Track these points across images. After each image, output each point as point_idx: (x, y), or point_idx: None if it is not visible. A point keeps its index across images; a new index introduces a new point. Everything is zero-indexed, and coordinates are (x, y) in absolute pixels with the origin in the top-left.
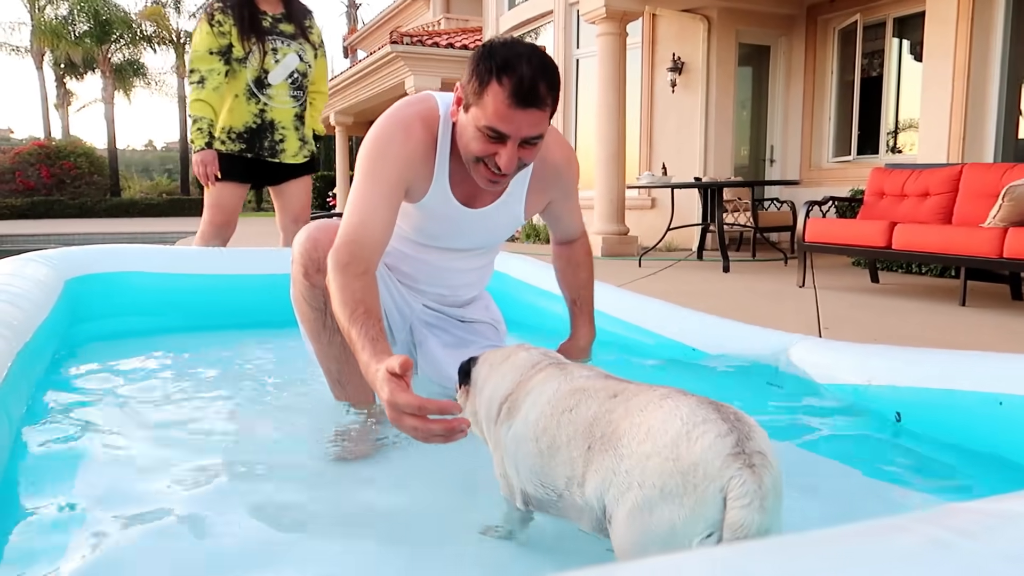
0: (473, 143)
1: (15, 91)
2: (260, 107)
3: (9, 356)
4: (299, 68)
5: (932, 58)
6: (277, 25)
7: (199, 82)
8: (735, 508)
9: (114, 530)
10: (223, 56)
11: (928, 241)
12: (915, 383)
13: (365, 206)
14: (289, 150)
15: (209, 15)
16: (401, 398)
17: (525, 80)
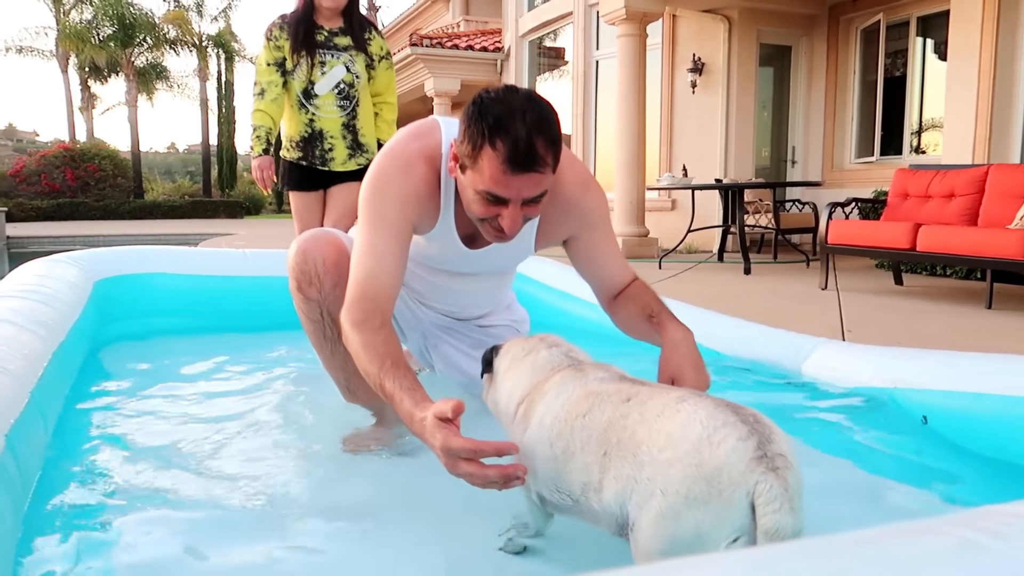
0: (474, 205)
1: (40, 95)
2: (309, 117)
3: (45, 356)
4: (345, 79)
5: (957, 57)
6: (332, 39)
7: (260, 93)
8: (767, 514)
9: (142, 523)
10: (280, 68)
11: (954, 243)
12: (942, 386)
13: (371, 256)
14: (338, 158)
15: (269, 31)
16: (455, 442)
17: (521, 142)
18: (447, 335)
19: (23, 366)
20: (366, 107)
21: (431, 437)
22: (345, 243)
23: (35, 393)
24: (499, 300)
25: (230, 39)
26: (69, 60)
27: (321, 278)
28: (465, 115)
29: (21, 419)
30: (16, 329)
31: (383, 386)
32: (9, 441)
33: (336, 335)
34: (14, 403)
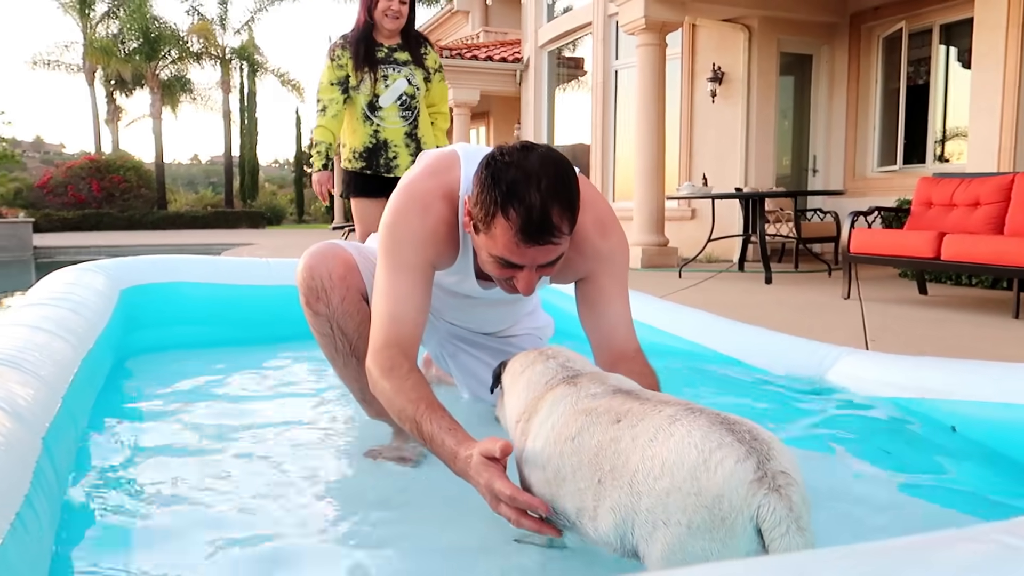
0: (488, 265)
1: (67, 107)
2: (374, 128)
3: (75, 363)
4: (407, 91)
5: (981, 65)
6: (392, 55)
7: (322, 110)
8: (775, 539)
9: (169, 525)
10: (342, 86)
11: (979, 252)
12: (971, 396)
13: (393, 300)
14: (402, 165)
15: (332, 51)
16: (497, 485)
17: (535, 211)
18: (466, 344)
19: (55, 372)
20: (424, 117)
21: (476, 475)
22: (353, 255)
23: (66, 399)
24: (518, 316)
25: (253, 51)
26: (95, 73)
27: (328, 292)
28: (478, 177)
29: (55, 423)
30: (48, 336)
31: (420, 429)
32: (45, 444)
33: (347, 348)
34: (48, 408)
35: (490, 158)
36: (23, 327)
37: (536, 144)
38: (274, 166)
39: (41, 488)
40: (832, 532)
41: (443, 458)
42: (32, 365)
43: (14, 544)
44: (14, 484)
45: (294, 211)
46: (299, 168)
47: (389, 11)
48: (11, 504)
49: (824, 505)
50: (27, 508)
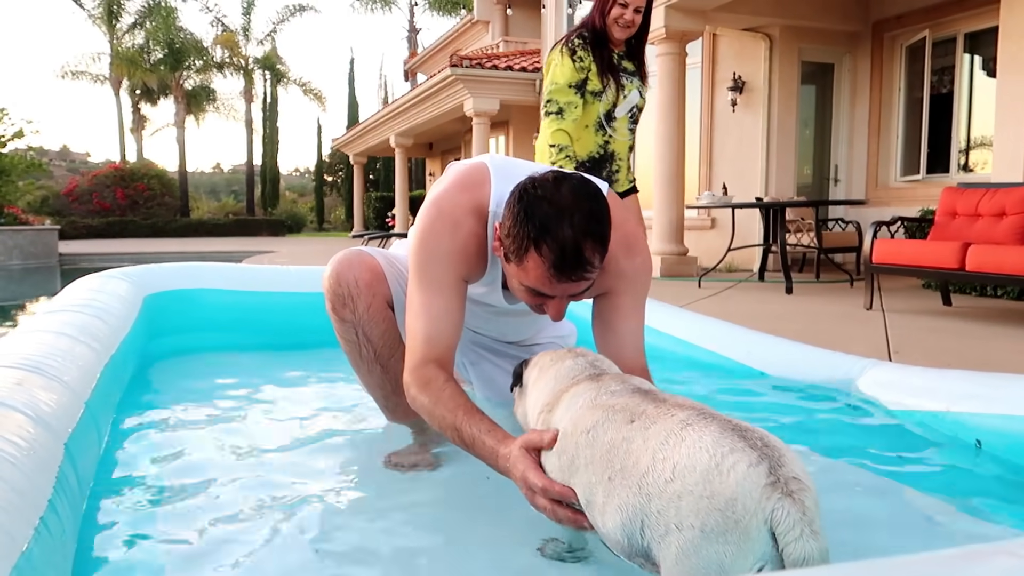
0: (518, 292)
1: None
2: (605, 139)
3: (99, 368)
4: (639, 104)
5: (1007, 74)
6: (621, 62)
7: (557, 112)
8: (790, 543)
9: (189, 530)
10: (579, 90)
11: (1005, 262)
12: (998, 410)
13: (427, 319)
14: (621, 180)
15: (571, 50)
16: (530, 475)
17: (568, 249)
18: (488, 352)
19: (78, 377)
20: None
21: (514, 468)
22: (380, 262)
23: (89, 404)
24: (541, 325)
25: (276, 61)
26: (121, 83)
27: (355, 299)
28: (510, 209)
29: (78, 429)
30: (71, 342)
31: (461, 434)
32: (68, 450)
33: (372, 355)
34: (71, 413)
35: (522, 191)
36: (47, 333)
37: (569, 174)
38: (295, 174)
39: (64, 492)
40: (855, 546)
41: (485, 459)
42: (55, 370)
43: (39, 548)
44: (38, 489)
45: (314, 219)
46: (319, 176)
47: (621, 20)
48: (36, 508)
49: (844, 517)
50: (51, 512)
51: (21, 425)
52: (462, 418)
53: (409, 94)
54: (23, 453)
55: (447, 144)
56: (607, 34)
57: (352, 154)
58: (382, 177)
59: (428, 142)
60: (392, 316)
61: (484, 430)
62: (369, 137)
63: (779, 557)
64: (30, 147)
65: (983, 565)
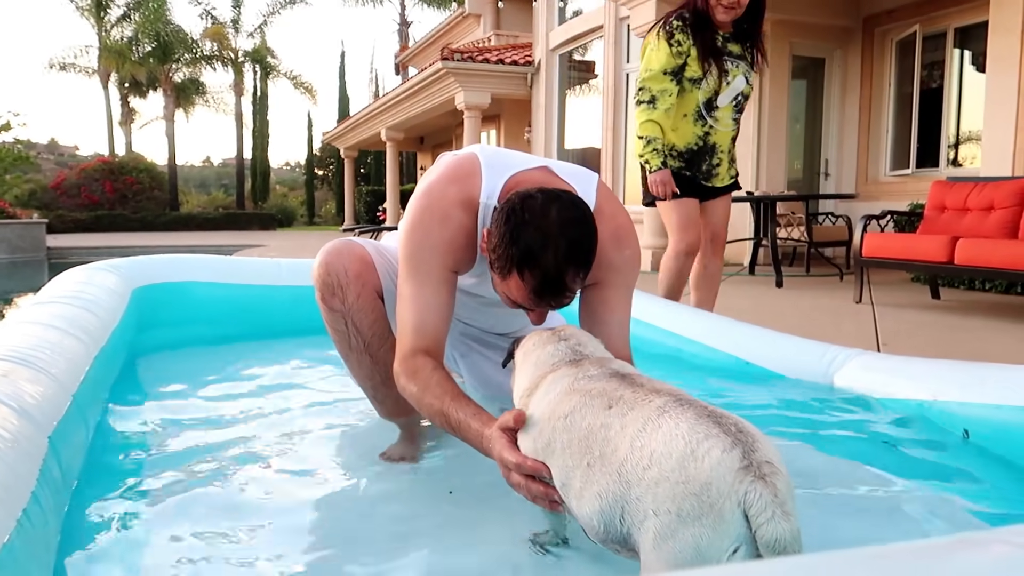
0: (501, 297)
1: (81, 110)
2: (705, 129)
3: (87, 360)
4: (744, 91)
5: (996, 69)
6: (727, 45)
7: (649, 102)
8: (763, 524)
9: (178, 525)
10: (675, 76)
11: (993, 256)
12: (984, 400)
13: (417, 310)
14: (721, 173)
15: (668, 33)
16: (505, 453)
17: (549, 276)
18: (477, 344)
19: (66, 370)
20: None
21: (492, 448)
22: (370, 252)
23: (77, 396)
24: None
25: (266, 54)
26: (110, 76)
27: (344, 289)
28: (497, 227)
29: (63, 421)
30: (60, 334)
31: (448, 419)
32: (52, 443)
33: (361, 345)
34: (57, 406)
35: (511, 211)
36: (35, 325)
37: (560, 194)
38: (285, 168)
39: (48, 485)
40: (843, 535)
41: (471, 441)
42: (43, 363)
43: (21, 541)
44: (21, 481)
45: (305, 213)
46: (310, 170)
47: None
48: (18, 501)
49: (833, 508)
50: (34, 505)
51: (5, 417)
52: (449, 404)
53: (400, 87)
54: (5, 445)
55: (438, 138)
56: (710, 15)
57: (343, 148)
58: (373, 171)
59: (419, 136)
60: (382, 306)
61: (470, 414)
62: (360, 131)
63: (753, 539)
64: (17, 140)
65: (974, 553)
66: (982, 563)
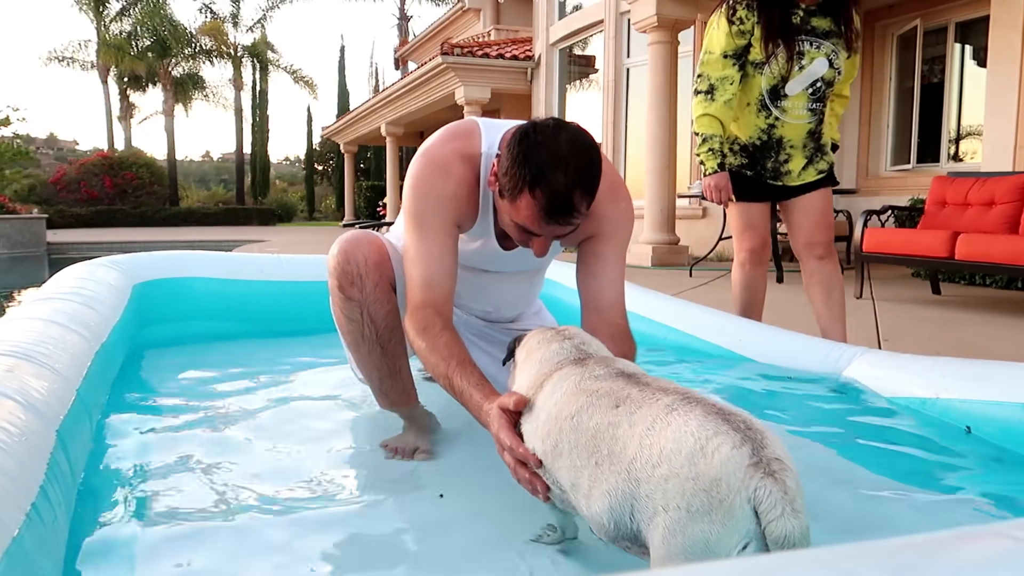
0: (507, 227)
1: (81, 104)
2: (769, 122)
3: (89, 356)
4: (826, 76)
5: (997, 63)
6: (809, 20)
7: (707, 92)
8: (772, 521)
9: (181, 518)
10: (738, 60)
11: (994, 251)
12: (987, 396)
13: (424, 263)
14: (793, 171)
15: (731, 9)
16: (502, 434)
17: (559, 194)
18: (481, 340)
19: (69, 365)
20: (830, 106)
21: (491, 424)
22: (386, 245)
23: (80, 392)
24: (531, 300)
25: (265, 49)
26: (109, 71)
27: (363, 278)
28: (509, 149)
29: (69, 416)
30: (62, 330)
31: (452, 383)
32: (59, 437)
33: (374, 335)
34: (63, 400)
35: (523, 133)
36: (38, 320)
37: (567, 123)
38: (285, 163)
39: (56, 479)
40: (845, 531)
41: (471, 410)
42: (47, 358)
43: (30, 534)
44: (30, 475)
45: (305, 208)
46: (310, 165)
47: None
48: (27, 495)
49: (835, 502)
50: (42, 499)
51: (12, 412)
52: (454, 368)
53: (400, 82)
54: (14, 439)
55: None
56: None
57: (343, 143)
58: (373, 166)
59: (419, 131)
60: (395, 299)
61: (473, 383)
62: (360, 126)
63: (762, 535)
64: (16, 135)
65: (976, 547)
66: (983, 557)
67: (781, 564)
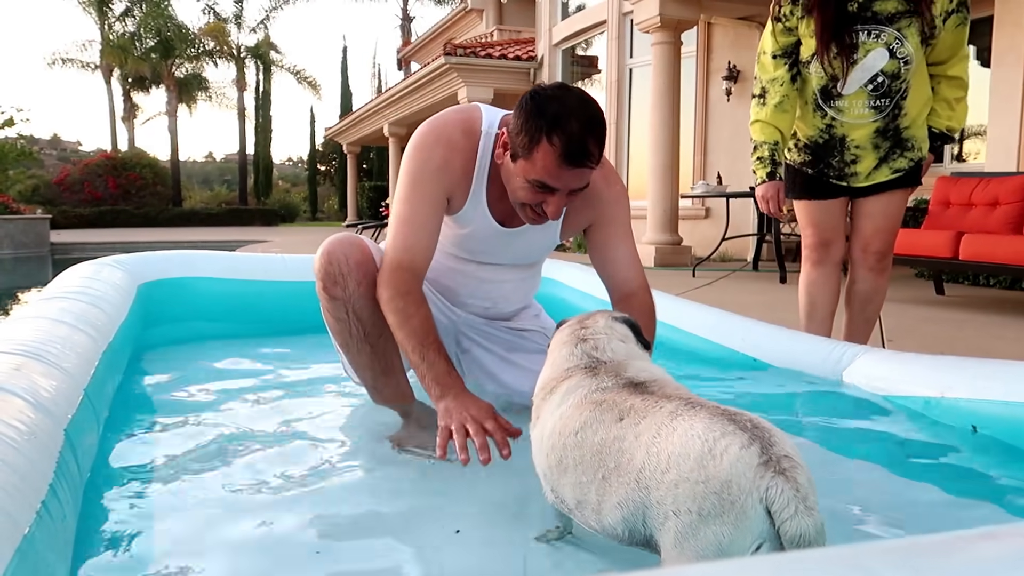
0: (520, 192)
1: (84, 105)
2: (827, 122)
3: (96, 355)
4: (887, 68)
5: (1001, 63)
6: (870, 5)
7: (760, 96)
8: (786, 520)
9: (186, 516)
10: (788, 59)
11: (998, 252)
12: (992, 396)
13: (412, 226)
14: (862, 171)
15: (776, 5)
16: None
17: (575, 139)
18: (481, 338)
19: (77, 364)
20: (917, 92)
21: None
22: (369, 246)
23: (88, 391)
24: (528, 296)
25: (268, 50)
26: (112, 71)
27: (346, 277)
28: (522, 109)
29: (77, 415)
30: (69, 329)
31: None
32: (68, 435)
33: (362, 334)
34: (71, 399)
35: (533, 93)
36: (45, 320)
37: (571, 86)
38: (288, 164)
39: (64, 477)
40: (849, 531)
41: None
42: (55, 357)
43: (40, 531)
44: (40, 473)
45: (307, 209)
46: (313, 166)
47: None
48: (37, 493)
49: (842, 504)
50: (51, 497)
51: (21, 410)
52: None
53: (402, 83)
54: (24, 438)
55: None
56: None
57: (345, 143)
58: (376, 167)
59: None
60: None
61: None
62: (362, 126)
63: (776, 535)
64: (20, 135)
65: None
66: (1006, 555)
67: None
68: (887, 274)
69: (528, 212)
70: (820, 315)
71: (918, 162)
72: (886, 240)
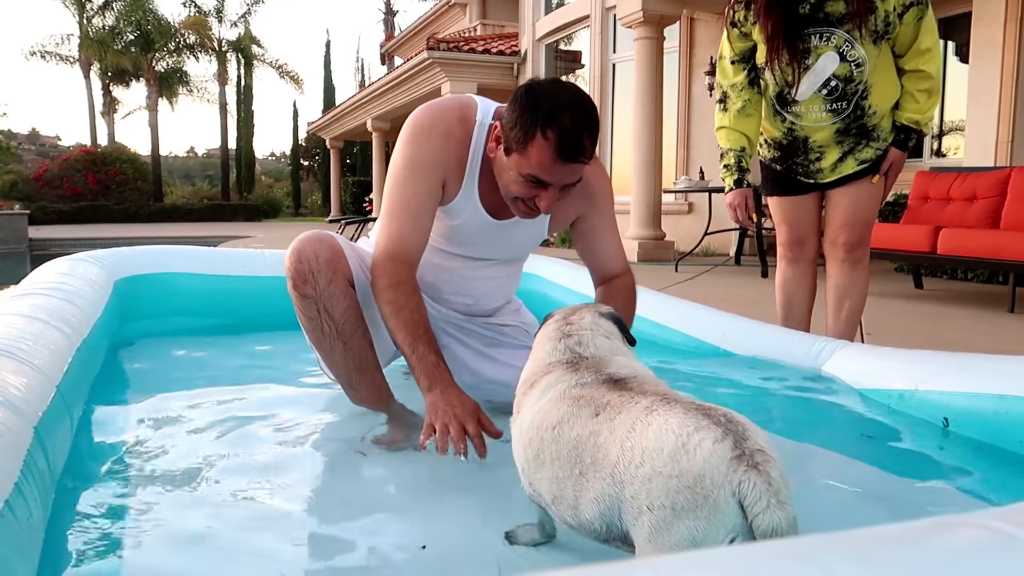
0: (513, 185)
1: (63, 99)
2: (787, 126)
3: (70, 352)
4: (838, 72)
5: (979, 59)
6: (822, 5)
7: (721, 102)
8: (759, 514)
9: (161, 516)
10: (747, 63)
11: (975, 246)
12: (964, 389)
13: (406, 214)
14: (827, 166)
15: (731, 10)
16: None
17: (569, 135)
18: (460, 334)
19: (49, 361)
20: (884, 88)
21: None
22: (339, 243)
23: (61, 388)
24: (510, 293)
25: (249, 44)
26: (91, 66)
27: (316, 275)
28: (517, 103)
29: (48, 413)
30: (42, 325)
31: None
32: (37, 433)
33: (334, 331)
34: (42, 397)
35: (528, 88)
36: (17, 316)
37: (566, 81)
38: (271, 159)
39: (32, 477)
40: (823, 523)
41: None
42: (26, 354)
43: (3, 532)
44: (4, 472)
45: (290, 204)
46: (295, 161)
47: None
48: (1, 492)
49: (815, 495)
50: (17, 496)
51: None
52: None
53: (386, 77)
54: None
55: None
56: None
57: (328, 138)
58: (359, 162)
59: None
60: (354, 294)
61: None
62: (346, 121)
63: (749, 528)
64: None
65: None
66: (959, 546)
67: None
68: (862, 267)
69: (520, 206)
70: (798, 313)
71: (883, 151)
72: (855, 232)
